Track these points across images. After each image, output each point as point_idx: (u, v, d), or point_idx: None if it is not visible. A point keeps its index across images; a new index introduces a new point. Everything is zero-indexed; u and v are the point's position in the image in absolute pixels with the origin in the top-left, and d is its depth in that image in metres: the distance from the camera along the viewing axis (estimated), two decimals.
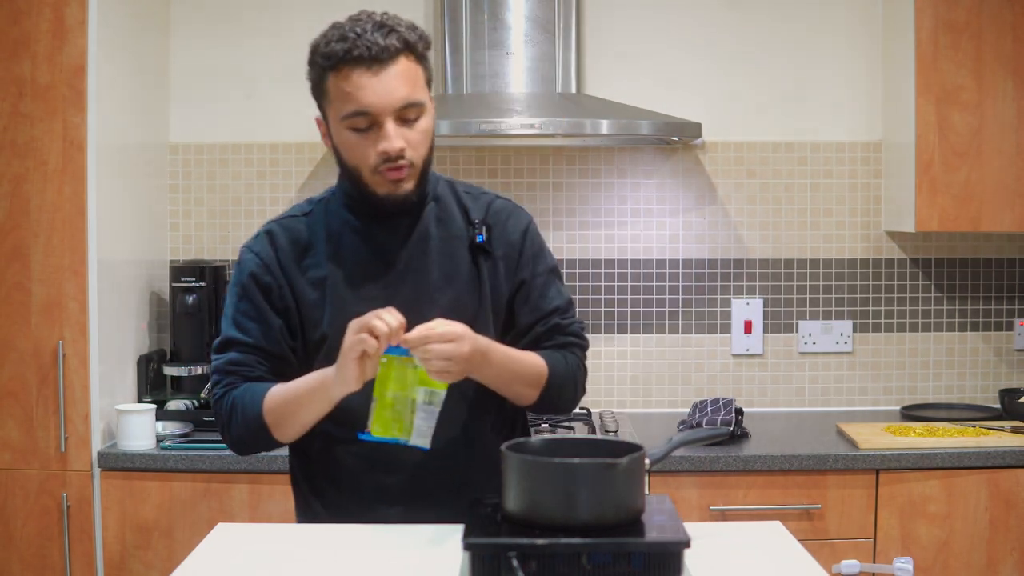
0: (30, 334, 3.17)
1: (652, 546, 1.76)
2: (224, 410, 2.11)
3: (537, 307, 2.19)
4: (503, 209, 2.22)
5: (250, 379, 2.11)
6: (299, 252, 2.14)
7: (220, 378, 2.12)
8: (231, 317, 2.14)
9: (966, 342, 3.85)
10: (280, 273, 2.12)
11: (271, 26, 3.79)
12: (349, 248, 2.13)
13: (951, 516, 3.19)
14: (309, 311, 2.10)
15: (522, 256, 2.19)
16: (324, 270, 2.11)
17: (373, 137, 2.02)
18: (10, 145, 3.15)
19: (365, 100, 1.99)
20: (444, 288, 2.13)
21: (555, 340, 2.20)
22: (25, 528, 3.18)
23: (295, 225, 2.17)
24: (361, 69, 1.98)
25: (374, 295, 2.08)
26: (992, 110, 3.47)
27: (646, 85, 3.77)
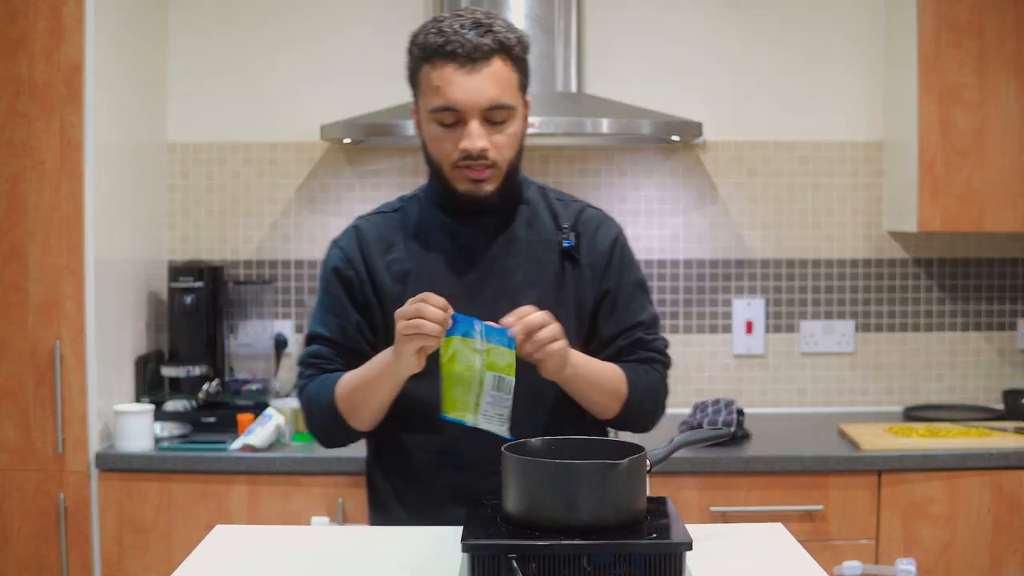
0: (27, 334, 3.16)
1: (653, 547, 1.75)
2: (304, 402, 2.15)
3: (621, 319, 2.17)
4: (593, 218, 2.21)
5: (328, 371, 2.13)
6: (385, 247, 2.14)
7: (302, 370, 2.17)
8: (317, 310, 2.18)
9: (969, 342, 3.83)
10: (363, 268, 2.13)
11: (269, 25, 3.78)
12: (436, 244, 2.13)
13: (954, 517, 3.18)
14: (391, 305, 2.07)
15: (609, 266, 2.18)
16: (409, 264, 2.12)
17: (457, 134, 2.02)
18: (7, 144, 3.14)
19: (453, 96, 1.99)
20: (528, 290, 2.11)
21: (637, 355, 2.17)
22: (22, 529, 3.17)
23: (383, 220, 2.18)
24: (453, 65, 1.99)
25: (456, 292, 2.06)
26: (994, 109, 3.46)
27: (646, 84, 3.76)
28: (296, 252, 3.80)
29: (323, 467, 3.15)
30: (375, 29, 3.77)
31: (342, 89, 3.75)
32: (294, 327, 3.79)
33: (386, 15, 3.77)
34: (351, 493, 3.16)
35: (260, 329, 3.66)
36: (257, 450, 3.20)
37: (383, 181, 3.78)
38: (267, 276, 3.79)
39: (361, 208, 3.73)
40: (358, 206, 3.77)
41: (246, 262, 3.80)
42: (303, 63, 3.78)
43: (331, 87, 3.77)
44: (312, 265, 3.79)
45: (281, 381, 3.72)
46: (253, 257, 3.80)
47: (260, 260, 3.80)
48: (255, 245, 3.80)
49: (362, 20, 3.78)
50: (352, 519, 3.16)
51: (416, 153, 3.77)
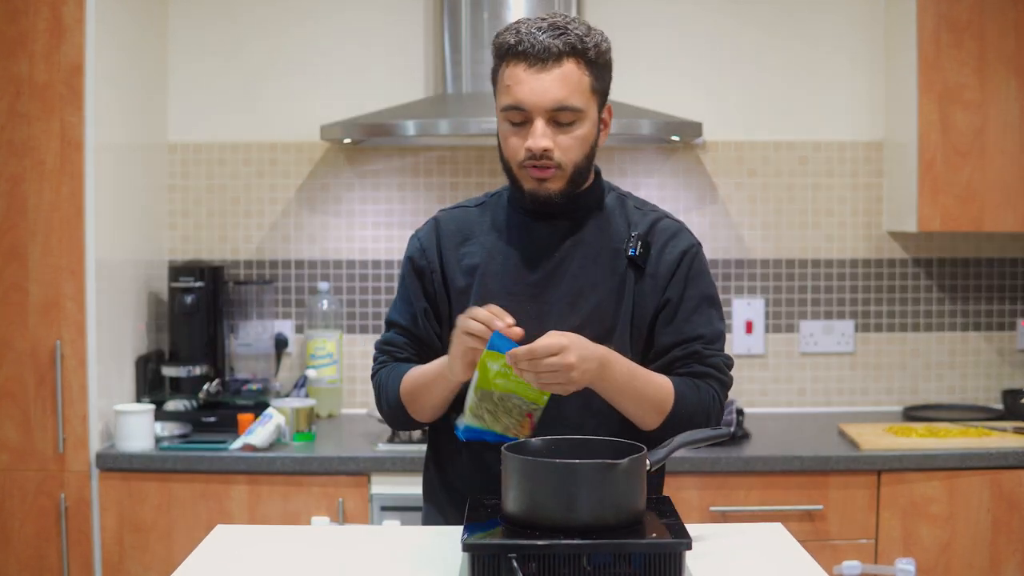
0: (28, 334, 3.16)
1: (653, 547, 1.75)
2: (375, 387, 2.22)
3: (679, 330, 2.12)
4: (668, 228, 2.17)
5: (399, 360, 2.19)
6: (460, 240, 2.18)
7: (376, 355, 2.24)
8: (395, 298, 2.25)
9: (968, 342, 3.84)
10: (436, 258, 2.17)
11: (270, 25, 3.78)
12: (508, 242, 2.15)
13: (953, 517, 3.18)
14: (458, 297, 2.14)
15: (674, 276, 2.13)
16: (478, 259, 2.15)
17: (524, 133, 2.04)
18: (7, 144, 3.14)
19: (519, 95, 2.02)
20: (589, 295, 2.10)
21: (692, 368, 2.11)
22: (23, 529, 3.17)
23: (463, 215, 2.22)
24: (524, 65, 2.01)
25: (520, 291, 2.11)
26: (995, 109, 3.46)
27: (647, 84, 3.76)
28: (296, 252, 3.80)
29: (323, 467, 3.15)
30: (375, 29, 3.77)
31: (342, 89, 3.76)
32: (294, 327, 3.79)
33: (386, 15, 3.77)
34: (351, 493, 3.16)
35: (260, 329, 3.66)
36: (257, 450, 3.21)
37: (383, 181, 3.78)
38: (267, 276, 3.79)
39: (361, 208, 3.77)
40: (358, 206, 3.78)
41: (246, 262, 3.80)
42: (303, 63, 3.78)
43: (331, 87, 3.77)
44: (312, 265, 3.79)
45: (281, 381, 3.72)
46: (253, 257, 3.80)
47: (260, 260, 3.80)
48: (255, 245, 3.80)
49: (362, 20, 3.78)
50: (352, 519, 3.16)
51: (416, 153, 3.77)
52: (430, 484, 2.27)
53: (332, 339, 3.68)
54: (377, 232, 3.78)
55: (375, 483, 3.16)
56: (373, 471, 3.16)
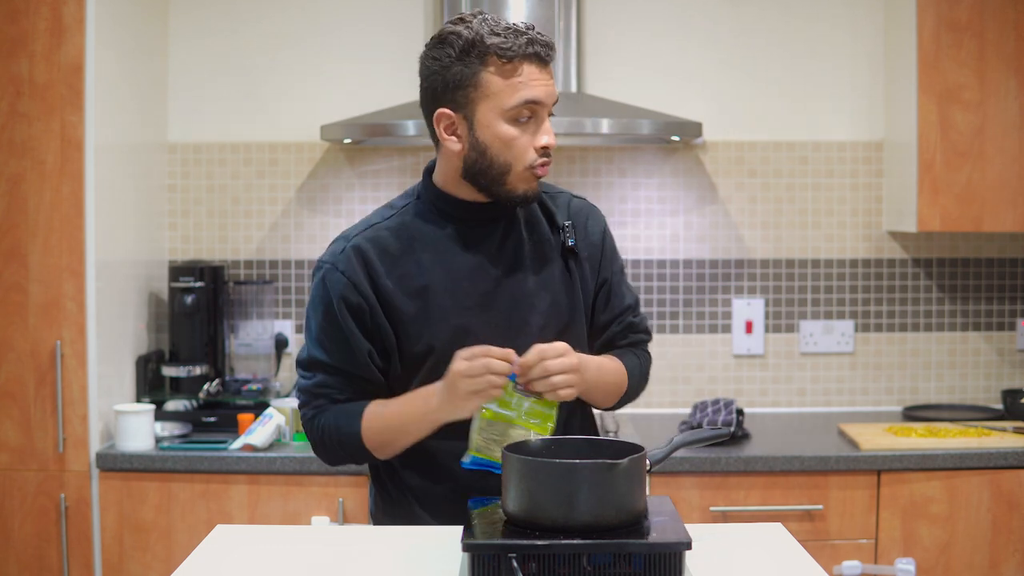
0: (28, 334, 3.16)
1: (653, 547, 1.75)
2: (316, 432, 2.11)
3: (613, 306, 2.21)
4: (582, 208, 2.22)
5: (338, 401, 2.09)
6: (391, 263, 2.07)
7: (308, 399, 2.11)
8: (316, 337, 2.09)
9: (968, 342, 3.84)
10: (371, 292, 2.05)
11: (270, 25, 3.78)
12: (447, 256, 2.09)
13: (953, 517, 3.18)
14: (408, 324, 2.05)
15: (603, 256, 2.20)
16: (424, 279, 2.06)
17: (532, 131, 2.02)
18: (7, 144, 3.14)
19: (538, 92, 2.00)
20: (541, 293, 2.11)
21: (628, 339, 2.23)
22: (23, 529, 3.17)
23: (383, 236, 2.09)
24: (535, 65, 2.01)
25: (474, 303, 2.07)
26: (994, 109, 3.46)
27: (647, 84, 3.76)
28: (296, 252, 3.80)
29: (323, 467, 3.15)
30: (375, 29, 3.77)
31: (342, 89, 3.76)
32: (294, 327, 3.79)
33: (386, 15, 3.77)
34: (351, 493, 3.16)
35: (260, 329, 3.66)
36: (257, 450, 3.21)
37: (383, 181, 3.78)
38: (267, 276, 3.79)
39: (361, 208, 3.77)
40: (358, 206, 3.78)
41: (246, 262, 3.80)
42: (303, 63, 3.78)
43: (331, 87, 3.77)
44: (312, 265, 3.79)
45: (281, 381, 3.72)
46: (253, 257, 3.80)
47: (260, 260, 3.80)
48: (255, 245, 3.80)
49: (362, 20, 3.78)
50: (352, 519, 3.16)
51: (416, 153, 3.77)
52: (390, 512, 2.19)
53: None
54: None
55: None
56: None
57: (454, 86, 2.03)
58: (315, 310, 2.10)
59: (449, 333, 2.04)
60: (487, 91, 2.01)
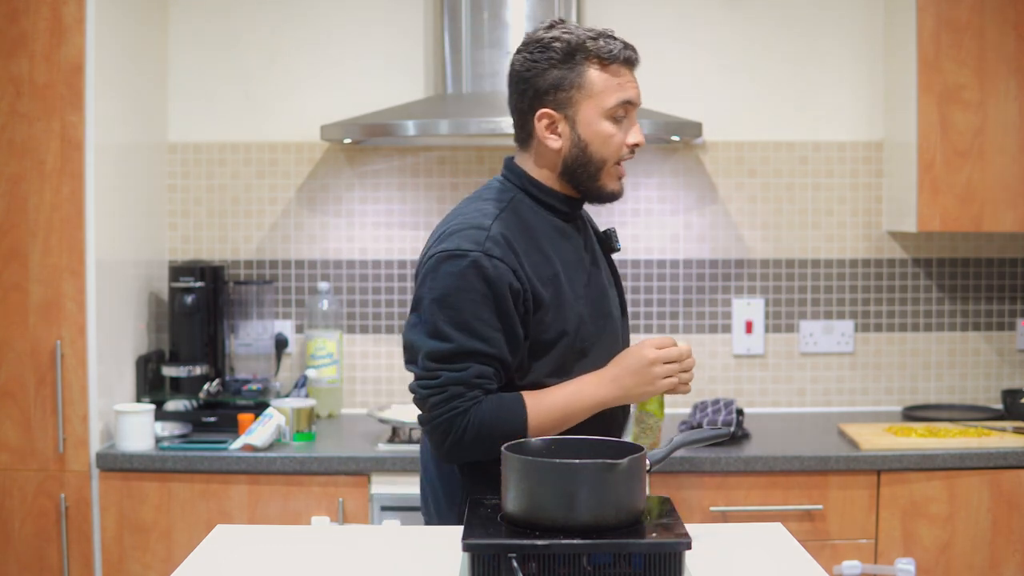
0: (28, 334, 3.16)
1: (653, 547, 1.75)
2: (471, 426, 2.04)
3: None
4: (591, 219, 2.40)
5: (491, 392, 2.08)
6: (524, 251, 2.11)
7: (463, 391, 2.04)
8: (466, 325, 2.04)
9: (968, 342, 3.84)
10: (525, 277, 2.09)
11: (270, 25, 3.78)
12: (562, 246, 2.20)
13: (953, 517, 3.18)
14: (544, 311, 2.12)
15: None
16: (553, 267, 2.15)
17: (624, 129, 2.19)
18: (7, 145, 3.14)
19: (632, 93, 2.19)
20: (609, 288, 2.29)
21: None
22: (23, 529, 3.17)
23: (511, 224, 2.12)
24: (627, 69, 2.20)
25: (581, 293, 2.19)
26: (994, 109, 3.46)
27: (646, 84, 3.71)
28: (296, 252, 3.80)
29: (323, 467, 3.15)
30: (375, 29, 3.77)
31: (342, 89, 3.76)
32: (294, 327, 3.79)
33: (386, 16, 3.77)
34: (351, 493, 3.16)
35: (260, 329, 3.66)
36: (257, 450, 3.21)
37: (383, 181, 3.78)
38: (267, 276, 3.79)
39: (361, 208, 3.77)
40: (358, 206, 3.78)
41: (246, 262, 3.80)
42: (303, 63, 3.78)
43: (331, 87, 3.77)
44: (312, 265, 3.79)
45: (281, 381, 3.72)
46: (253, 257, 3.80)
47: (260, 260, 3.80)
48: (255, 245, 3.80)
49: (362, 20, 3.78)
50: (352, 519, 3.16)
51: (416, 153, 3.77)
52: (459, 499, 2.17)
53: (332, 339, 3.68)
54: (377, 232, 3.79)
55: (375, 483, 3.16)
56: (373, 471, 3.16)
57: (557, 87, 2.15)
58: (463, 299, 2.04)
59: (575, 320, 2.15)
60: (591, 91, 2.15)
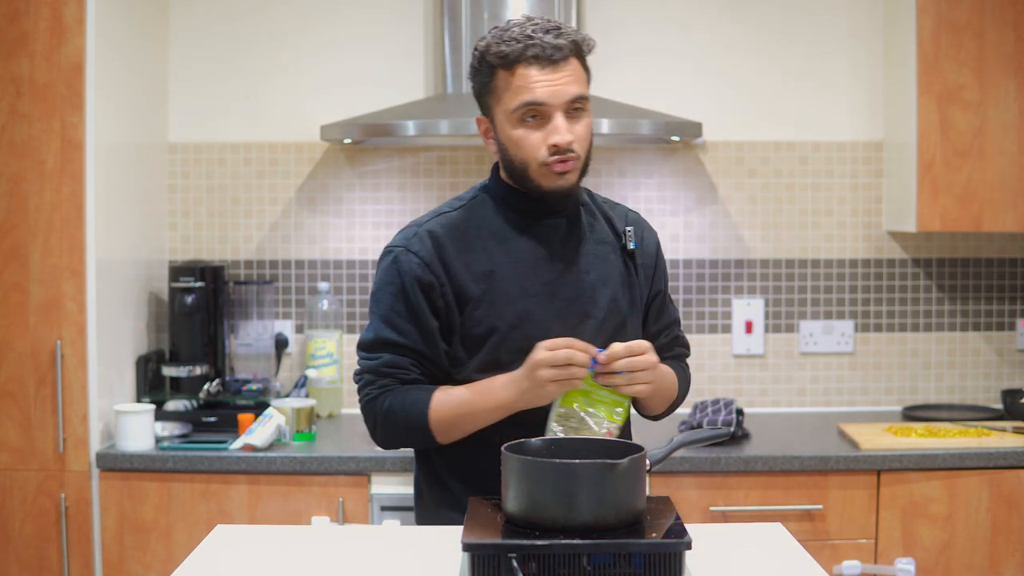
0: (28, 334, 3.16)
1: (653, 547, 1.75)
2: (379, 413, 2.14)
3: (661, 317, 2.32)
4: (638, 221, 2.32)
5: (405, 382, 2.14)
6: (459, 247, 2.16)
7: (374, 379, 2.15)
8: (385, 317, 2.15)
9: (968, 342, 3.84)
10: (442, 271, 2.14)
11: (270, 25, 3.78)
12: (514, 244, 2.17)
13: (953, 517, 3.18)
14: (473, 306, 2.13)
15: (657, 267, 2.31)
16: (489, 264, 2.15)
17: (543, 131, 2.10)
18: (8, 145, 3.14)
19: (539, 93, 2.07)
20: (602, 288, 2.20)
21: (674, 351, 2.36)
22: (23, 529, 3.18)
23: (451, 222, 2.19)
24: (536, 67, 2.08)
25: (538, 290, 2.15)
26: (994, 109, 3.46)
27: (646, 84, 3.76)
28: (296, 252, 3.80)
29: (323, 467, 3.16)
30: (375, 29, 3.77)
31: (342, 89, 3.76)
32: (294, 327, 3.79)
33: (386, 15, 3.77)
34: (351, 493, 3.16)
35: (260, 329, 3.66)
36: (257, 450, 3.21)
37: (383, 181, 3.78)
38: (267, 276, 3.79)
39: (361, 208, 3.77)
40: (358, 206, 3.78)
41: (246, 262, 3.80)
42: (303, 63, 3.78)
43: (331, 87, 3.77)
44: (312, 265, 3.79)
45: (281, 381, 3.72)
46: (253, 257, 3.80)
47: (260, 260, 3.80)
48: (255, 245, 3.80)
49: (362, 21, 3.78)
50: (352, 519, 3.16)
51: (416, 153, 3.77)
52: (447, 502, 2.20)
53: (332, 339, 3.68)
54: (377, 232, 3.79)
55: (375, 483, 3.16)
56: (373, 471, 3.16)
57: (479, 95, 2.17)
58: (385, 292, 2.16)
59: (512, 317, 2.12)
60: (497, 97, 2.12)
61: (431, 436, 2.12)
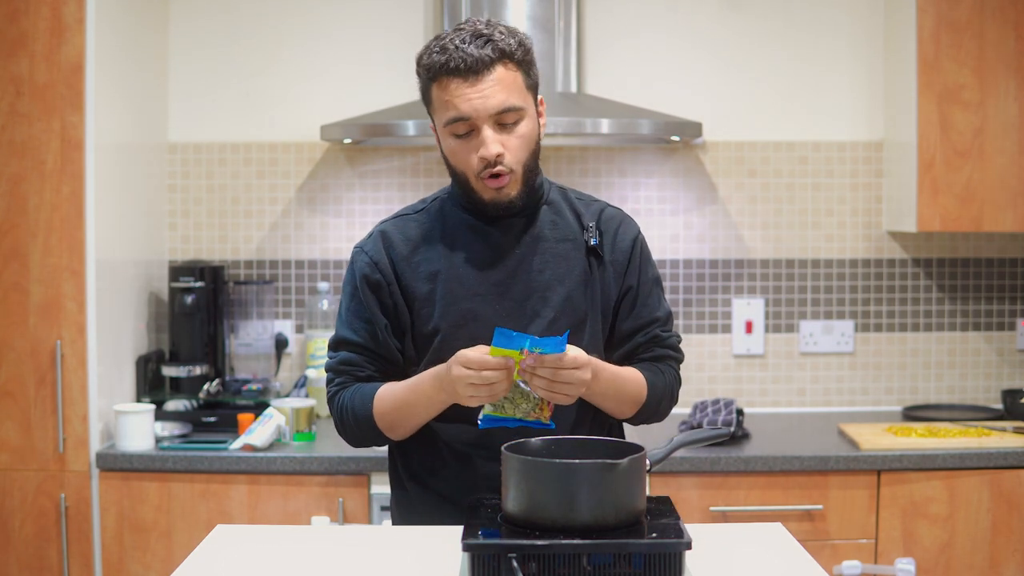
0: (28, 334, 3.16)
1: (653, 547, 1.75)
2: (336, 410, 2.19)
3: (639, 315, 2.23)
4: (614, 216, 2.27)
5: (360, 379, 2.18)
6: (412, 248, 2.18)
7: (332, 377, 2.20)
8: (343, 317, 2.20)
9: (968, 342, 3.84)
10: (390, 270, 2.17)
11: (270, 25, 3.78)
12: (463, 244, 2.18)
13: (953, 517, 3.18)
14: (420, 305, 2.15)
15: (631, 263, 2.23)
16: (438, 265, 2.16)
17: (474, 143, 2.09)
18: (8, 145, 3.14)
19: (462, 107, 2.06)
20: (556, 287, 2.17)
21: (653, 352, 2.24)
22: (23, 529, 3.17)
23: (408, 223, 2.22)
24: (458, 80, 2.06)
25: (486, 291, 2.15)
26: (994, 109, 3.46)
27: (646, 84, 3.76)
28: (296, 252, 3.80)
29: (323, 467, 3.16)
30: (375, 29, 3.77)
31: (342, 89, 3.76)
32: (294, 327, 3.79)
33: (386, 15, 3.77)
34: (351, 493, 3.16)
35: (260, 329, 3.66)
36: (257, 450, 3.21)
37: (383, 181, 3.78)
38: (267, 276, 3.79)
39: (361, 208, 3.77)
40: (358, 206, 3.78)
41: (246, 262, 3.80)
42: (303, 63, 3.78)
43: (331, 87, 3.77)
44: (312, 265, 3.79)
45: (281, 381, 3.72)
46: (253, 257, 3.80)
47: (260, 260, 3.80)
48: (255, 245, 3.80)
49: (362, 20, 3.78)
50: (352, 519, 3.16)
51: (416, 153, 3.77)
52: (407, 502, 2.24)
53: None
54: None
55: (375, 483, 3.16)
56: (373, 471, 3.16)
57: (423, 101, 2.17)
58: (344, 291, 2.22)
59: (456, 316, 2.12)
60: (433, 108, 2.14)
61: (379, 432, 2.15)
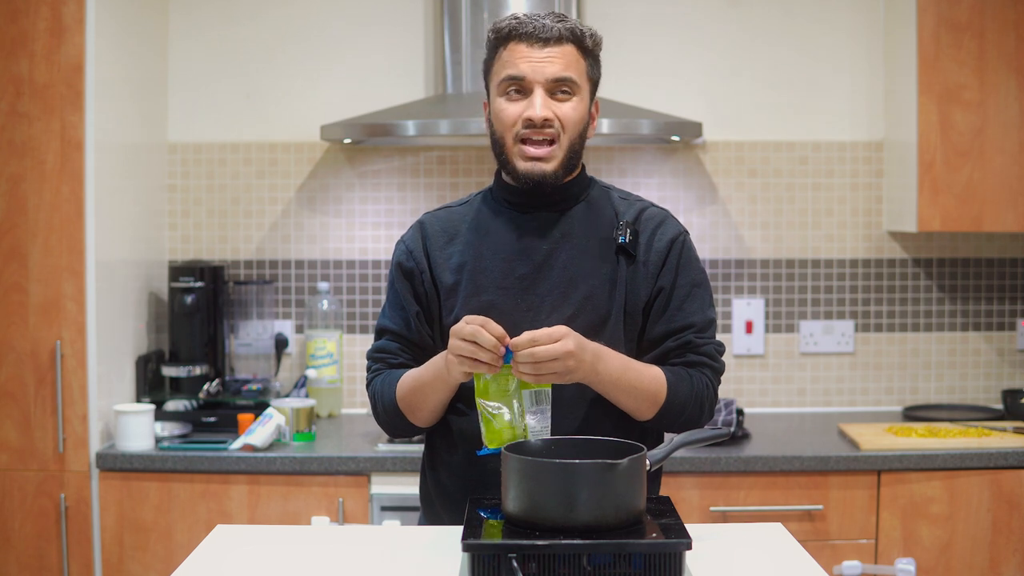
0: (28, 334, 3.16)
1: (653, 547, 1.75)
2: (371, 396, 2.24)
3: (672, 319, 2.15)
4: (655, 216, 2.21)
5: (393, 366, 2.21)
6: (446, 239, 2.21)
7: (370, 364, 2.26)
8: (384, 306, 2.27)
9: (968, 342, 3.84)
10: (423, 259, 2.21)
11: (270, 25, 3.78)
12: (494, 237, 2.18)
13: (953, 517, 3.18)
14: (447, 295, 2.18)
15: (665, 264, 2.16)
16: (467, 256, 2.18)
17: (522, 105, 2.10)
18: (7, 145, 3.14)
19: (521, 66, 2.09)
20: (580, 284, 2.14)
21: (686, 358, 2.14)
22: (23, 529, 3.17)
23: (447, 215, 2.26)
24: (525, 44, 2.10)
25: (511, 284, 2.15)
26: (994, 109, 3.46)
27: (647, 84, 3.76)
28: (296, 252, 3.80)
29: (323, 467, 3.16)
30: (375, 29, 3.77)
31: (342, 89, 3.76)
32: (294, 327, 3.79)
33: (386, 15, 3.77)
34: (351, 493, 3.16)
35: (260, 329, 3.66)
36: (257, 450, 3.21)
37: (383, 181, 3.78)
38: (267, 276, 3.79)
39: (361, 208, 3.77)
40: (358, 206, 3.78)
41: (246, 262, 3.80)
42: (303, 63, 3.78)
43: (331, 87, 3.77)
44: (312, 265, 3.79)
45: (281, 381, 3.72)
46: (253, 257, 3.80)
47: (260, 260, 3.80)
48: (255, 245, 3.80)
49: (362, 20, 3.78)
50: (352, 519, 3.16)
51: (416, 153, 3.77)
52: (425, 488, 2.28)
53: (332, 339, 3.68)
54: (377, 232, 3.79)
55: (375, 483, 3.16)
56: (373, 471, 3.16)
57: (484, 76, 2.20)
58: (389, 281, 2.27)
59: (476, 308, 2.12)
60: (493, 73, 2.16)
61: (403, 416, 2.17)
